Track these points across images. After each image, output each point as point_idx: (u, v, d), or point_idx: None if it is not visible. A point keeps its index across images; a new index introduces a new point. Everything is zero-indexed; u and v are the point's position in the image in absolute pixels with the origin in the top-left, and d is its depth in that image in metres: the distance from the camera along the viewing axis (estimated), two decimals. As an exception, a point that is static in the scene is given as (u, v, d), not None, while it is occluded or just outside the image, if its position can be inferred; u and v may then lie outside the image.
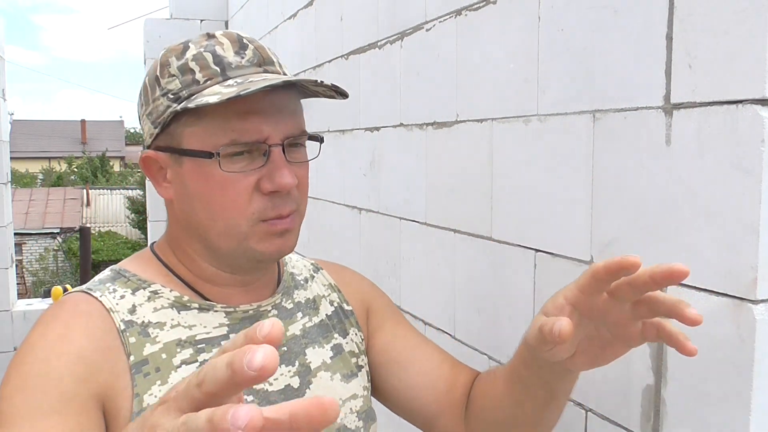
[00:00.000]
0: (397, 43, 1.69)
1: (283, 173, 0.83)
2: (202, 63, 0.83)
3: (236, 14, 4.03)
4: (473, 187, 1.35)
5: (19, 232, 16.37)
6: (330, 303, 1.04)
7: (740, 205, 0.76)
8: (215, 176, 0.83)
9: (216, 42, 0.85)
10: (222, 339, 0.88)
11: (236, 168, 0.82)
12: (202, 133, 0.83)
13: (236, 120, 0.81)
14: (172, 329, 0.86)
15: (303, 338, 0.96)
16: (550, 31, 1.10)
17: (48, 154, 32.96)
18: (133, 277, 0.90)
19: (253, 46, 0.86)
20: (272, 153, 0.83)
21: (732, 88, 0.77)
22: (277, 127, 0.84)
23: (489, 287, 1.32)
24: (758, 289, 0.75)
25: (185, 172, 0.86)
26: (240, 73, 0.84)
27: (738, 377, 0.77)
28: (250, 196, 0.83)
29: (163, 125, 0.85)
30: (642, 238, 0.91)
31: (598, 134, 1.00)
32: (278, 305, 0.96)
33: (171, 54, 0.86)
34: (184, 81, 0.83)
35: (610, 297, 0.70)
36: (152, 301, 0.87)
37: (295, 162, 0.87)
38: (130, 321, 0.84)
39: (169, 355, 0.84)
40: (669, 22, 0.86)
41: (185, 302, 0.89)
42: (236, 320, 0.91)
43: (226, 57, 0.84)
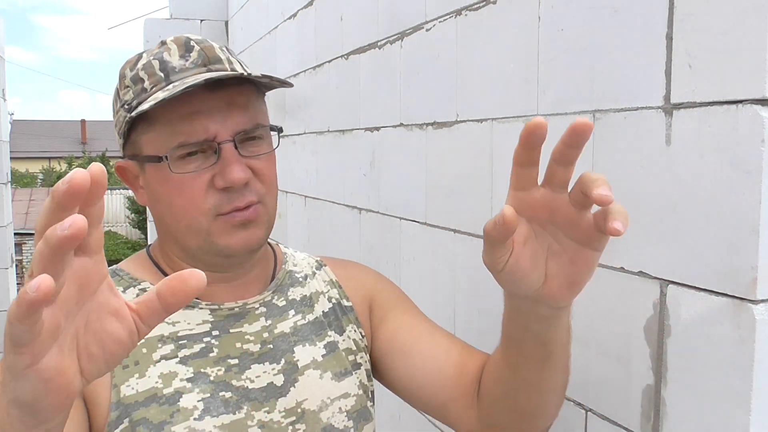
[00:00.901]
0: (397, 43, 1.69)
1: (233, 169, 0.84)
2: (149, 71, 0.86)
3: (236, 14, 4.03)
4: (473, 187, 1.35)
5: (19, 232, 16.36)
6: (328, 300, 1.03)
7: (740, 205, 0.76)
8: (172, 178, 0.85)
9: (165, 49, 0.88)
10: (204, 335, 0.90)
11: (189, 168, 0.85)
12: (155, 138, 0.86)
13: (182, 122, 0.84)
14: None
15: (292, 336, 0.96)
16: (550, 31, 1.10)
17: (48, 154, 32.97)
18: (126, 276, 0.93)
19: (199, 47, 0.88)
20: (222, 150, 0.85)
21: (732, 88, 0.77)
22: (225, 123, 0.85)
23: (489, 287, 1.32)
24: (758, 289, 0.75)
25: (149, 177, 0.89)
26: (182, 76, 0.85)
27: (738, 377, 0.77)
28: (205, 193, 0.85)
29: (124, 135, 0.89)
30: (642, 238, 0.91)
31: (598, 134, 1.00)
32: (268, 303, 0.97)
33: (127, 66, 0.90)
34: (135, 91, 0.87)
35: (545, 187, 0.66)
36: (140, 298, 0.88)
37: (252, 156, 0.88)
38: None
39: (149, 350, 0.86)
40: (669, 22, 0.86)
41: None
42: (220, 317, 0.92)
43: (171, 62, 0.86)
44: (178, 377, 0.86)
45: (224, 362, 0.89)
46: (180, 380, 0.86)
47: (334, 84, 2.18)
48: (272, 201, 0.92)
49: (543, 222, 0.68)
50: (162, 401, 0.84)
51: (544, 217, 0.68)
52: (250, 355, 0.91)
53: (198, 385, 0.86)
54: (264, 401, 0.90)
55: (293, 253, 1.09)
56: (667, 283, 0.87)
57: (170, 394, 0.85)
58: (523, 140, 0.64)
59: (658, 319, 0.89)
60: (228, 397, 0.87)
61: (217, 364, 0.89)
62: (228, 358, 0.90)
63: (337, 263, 1.10)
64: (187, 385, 0.86)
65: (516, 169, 0.67)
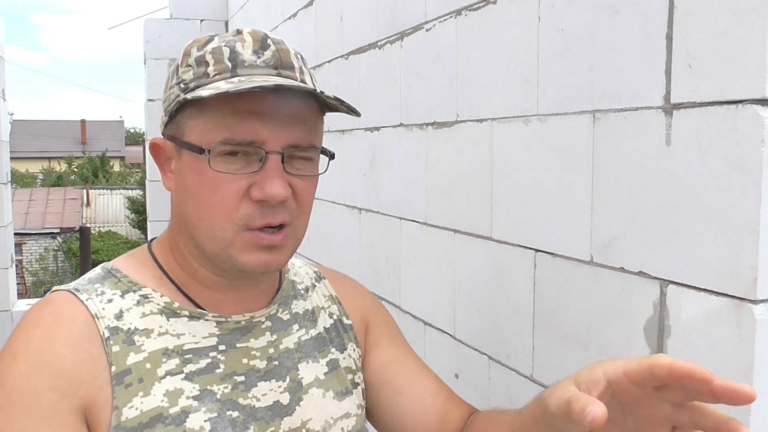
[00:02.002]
0: (397, 43, 1.69)
1: (275, 182, 0.78)
2: (217, 57, 0.81)
3: (236, 14, 4.03)
4: (473, 187, 1.35)
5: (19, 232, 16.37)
6: (329, 315, 1.00)
7: (740, 205, 0.76)
8: (207, 174, 0.79)
9: (239, 39, 0.82)
10: (211, 350, 0.85)
11: (228, 169, 0.79)
12: (201, 127, 0.80)
13: (233, 118, 0.78)
14: (160, 337, 0.83)
15: (297, 352, 0.93)
16: (550, 31, 1.10)
17: (48, 154, 32.98)
18: (124, 278, 0.86)
19: (275, 47, 0.83)
20: (268, 159, 0.79)
21: (732, 88, 0.77)
22: (279, 133, 0.79)
23: (489, 287, 1.32)
24: (758, 289, 0.75)
25: (184, 165, 0.83)
26: (250, 72, 0.80)
27: (738, 377, 0.77)
28: (239, 200, 0.79)
29: (171, 114, 0.84)
30: (642, 238, 0.91)
31: (598, 134, 1.00)
32: (273, 316, 0.93)
33: (194, 45, 0.84)
34: (196, 73, 0.81)
35: (654, 391, 0.62)
36: (141, 305, 0.84)
37: (296, 174, 0.82)
38: (115, 327, 0.81)
39: (153, 365, 0.81)
40: (669, 22, 0.86)
41: (175, 309, 0.85)
42: (227, 330, 0.87)
43: (242, 54, 0.81)
44: (184, 395, 0.81)
45: (231, 379, 0.85)
46: (186, 398, 0.81)
47: (334, 84, 2.18)
48: (303, 225, 0.86)
49: (625, 402, 0.65)
50: (168, 422, 0.79)
51: (630, 403, 0.64)
52: (257, 372, 0.87)
53: (205, 403, 0.82)
54: (270, 421, 0.86)
55: (293, 261, 1.05)
56: (667, 283, 0.87)
57: (176, 413, 0.80)
58: (678, 375, 0.57)
59: (658, 319, 0.89)
60: (235, 417, 0.83)
61: (224, 381, 0.84)
62: (234, 374, 0.86)
63: (336, 278, 1.07)
64: (193, 404, 0.81)
65: (645, 373, 0.60)
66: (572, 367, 1.06)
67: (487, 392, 1.33)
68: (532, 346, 1.18)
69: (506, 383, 1.26)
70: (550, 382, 1.13)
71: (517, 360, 1.23)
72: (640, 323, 0.92)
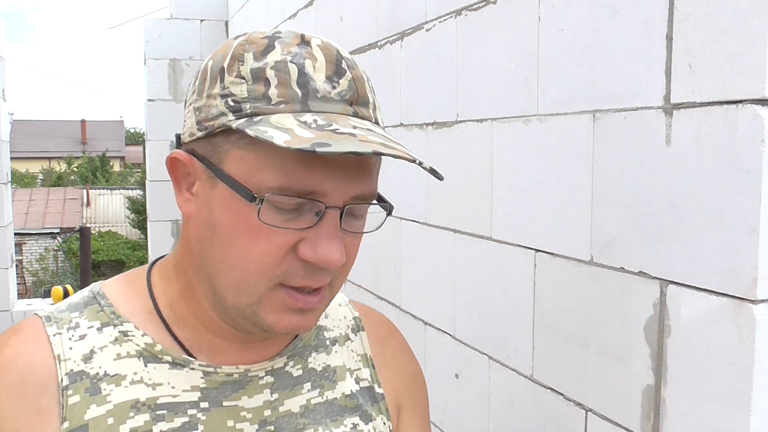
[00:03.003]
0: (397, 43, 1.69)
1: (332, 247, 0.65)
2: (282, 77, 0.65)
3: (236, 14, 4.03)
4: (473, 187, 1.35)
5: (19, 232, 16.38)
6: (356, 381, 0.83)
7: (740, 205, 0.76)
8: (250, 221, 0.65)
9: (308, 54, 0.66)
10: (190, 406, 0.71)
11: (277, 221, 0.65)
12: (251, 161, 0.65)
13: (293, 161, 0.63)
14: (132, 386, 0.70)
15: (302, 417, 0.77)
16: (550, 31, 1.10)
17: (48, 154, 32.98)
18: (108, 307, 0.74)
19: (351, 75, 0.68)
20: (326, 216, 0.65)
21: (732, 88, 0.77)
22: (344, 185, 0.65)
23: (489, 287, 1.32)
24: (758, 289, 0.75)
25: (216, 196, 0.67)
26: (324, 108, 0.65)
27: (738, 377, 0.77)
28: (282, 256, 0.66)
29: (209, 132, 0.67)
30: (642, 238, 0.91)
31: (598, 134, 1.00)
32: (278, 371, 0.78)
33: (250, 48, 0.67)
34: (252, 91, 0.65)
35: None
36: (118, 344, 0.72)
37: (350, 231, 0.69)
38: (80, 372, 0.69)
39: (117, 421, 0.68)
40: (669, 22, 0.86)
41: (156, 352, 0.72)
42: (215, 384, 0.73)
43: (315, 81, 0.65)
44: None
45: None
46: None
47: (334, 84, 2.18)
48: (340, 285, 0.73)
49: None
50: None
51: None
52: None
53: None
54: None
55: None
56: (667, 283, 0.87)
57: None
58: None
59: (658, 319, 0.89)
60: None
61: None
62: None
63: (376, 335, 0.89)
64: None
65: None
66: (572, 367, 1.07)
67: (487, 392, 1.33)
68: (532, 346, 1.18)
69: (506, 383, 1.26)
70: (550, 382, 1.13)
71: (517, 360, 1.23)
72: (640, 323, 0.92)
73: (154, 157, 4.26)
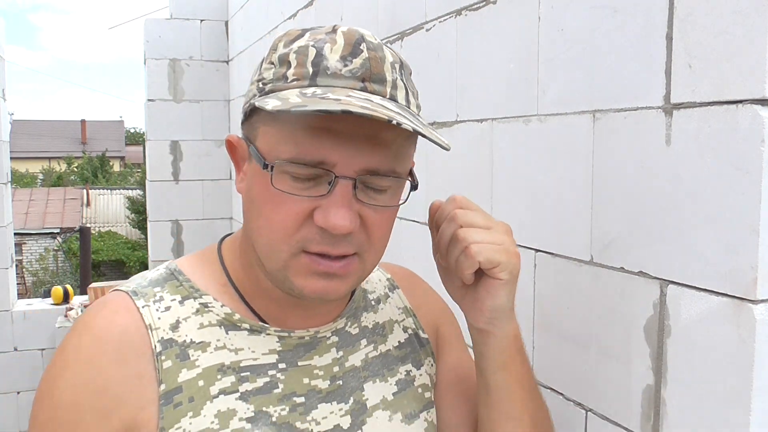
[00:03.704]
0: (397, 43, 1.69)
1: (339, 213, 0.70)
2: (300, 59, 0.72)
3: (236, 14, 4.03)
4: (473, 187, 1.35)
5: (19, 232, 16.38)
6: (404, 330, 0.93)
7: (740, 205, 0.76)
8: (270, 189, 0.72)
9: (331, 39, 0.72)
10: (270, 368, 0.79)
11: (292, 188, 0.71)
12: (270, 136, 0.72)
13: (304, 134, 0.70)
14: (216, 351, 0.78)
15: (363, 370, 0.86)
16: (550, 31, 1.10)
17: (48, 154, 32.98)
18: (186, 282, 0.81)
19: (368, 55, 0.72)
20: (337, 185, 0.70)
21: (732, 88, 0.77)
22: (353, 156, 0.70)
23: (489, 287, 1.32)
24: (758, 289, 0.75)
25: (251, 170, 0.76)
26: (331, 83, 0.70)
27: (738, 377, 0.77)
28: (300, 222, 0.72)
29: (246, 114, 0.77)
30: (642, 238, 0.91)
31: (598, 134, 1.00)
32: (340, 331, 0.86)
33: (284, 38, 0.76)
34: (276, 73, 0.73)
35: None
36: (200, 315, 0.79)
37: (370, 204, 0.73)
38: (170, 340, 0.77)
39: (206, 383, 0.76)
40: (669, 22, 0.86)
41: (235, 321, 0.80)
42: (289, 346, 0.81)
43: (328, 60, 0.71)
44: (236, 416, 0.76)
45: (289, 400, 0.79)
46: (239, 420, 0.76)
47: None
48: (373, 256, 0.77)
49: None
50: None
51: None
52: (318, 393, 0.81)
53: (258, 426, 0.76)
54: None
55: None
56: (667, 283, 0.87)
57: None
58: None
59: (658, 319, 0.89)
60: None
61: (282, 402, 0.78)
62: (294, 395, 0.80)
63: (407, 285, 0.99)
64: (246, 426, 0.75)
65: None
66: (572, 367, 1.07)
67: (487, 392, 1.33)
68: (532, 346, 1.18)
69: (506, 383, 1.26)
70: (550, 382, 1.13)
71: (517, 360, 1.23)
72: (640, 323, 0.92)
73: (154, 157, 4.26)
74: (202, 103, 4.28)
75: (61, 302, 4.36)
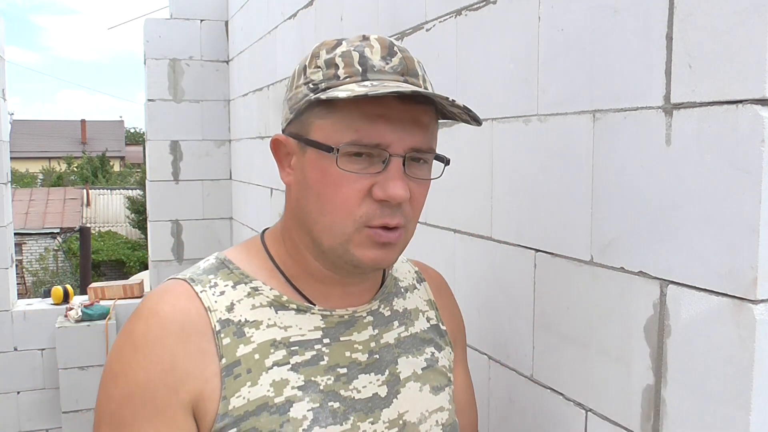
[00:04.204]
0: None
1: (397, 184, 0.82)
2: (347, 60, 0.84)
3: (236, 14, 4.03)
4: (473, 187, 1.35)
5: (19, 232, 16.38)
6: (427, 319, 1.03)
7: (740, 205, 0.76)
8: (332, 172, 0.83)
9: (367, 44, 0.86)
10: (316, 342, 0.89)
11: (353, 168, 0.82)
12: (329, 126, 0.83)
13: (362, 121, 0.81)
14: (268, 329, 0.87)
15: (396, 347, 0.96)
16: (550, 31, 1.10)
17: (48, 154, 32.96)
18: (236, 269, 0.91)
19: (402, 55, 0.86)
20: (391, 162, 0.82)
21: (732, 88, 0.77)
22: (403, 137, 0.83)
23: (489, 287, 1.32)
24: (758, 289, 0.75)
25: (307, 161, 0.86)
26: (380, 77, 0.83)
27: (738, 377, 0.77)
28: (361, 198, 0.83)
29: (298, 112, 0.87)
30: (642, 238, 0.91)
31: (598, 134, 1.00)
32: (375, 311, 0.96)
33: (323, 47, 0.88)
34: (326, 74, 0.85)
35: None
36: (252, 297, 0.89)
37: (414, 178, 0.85)
38: (227, 320, 0.86)
39: (261, 356, 0.85)
40: (669, 22, 0.86)
41: (284, 302, 0.90)
42: (332, 324, 0.91)
43: (372, 59, 0.84)
44: (289, 385, 0.85)
45: (334, 371, 0.89)
46: (291, 388, 0.85)
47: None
48: (413, 228, 0.90)
49: None
50: (273, 410, 0.84)
51: None
52: (358, 365, 0.91)
53: (308, 393, 0.86)
54: (369, 412, 0.90)
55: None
56: (667, 283, 0.87)
57: (281, 403, 0.84)
58: None
59: (658, 319, 0.89)
60: (336, 408, 0.87)
61: (327, 372, 0.88)
62: (338, 367, 0.89)
63: (435, 283, 1.10)
64: (297, 394, 0.85)
65: None
66: (572, 367, 1.07)
67: (487, 392, 1.33)
68: (532, 346, 1.18)
69: (506, 383, 1.27)
70: (550, 382, 1.13)
71: (517, 360, 1.23)
72: (640, 323, 0.92)
73: (154, 157, 4.25)
74: (202, 103, 4.28)
75: (61, 302, 4.35)
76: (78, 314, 4.08)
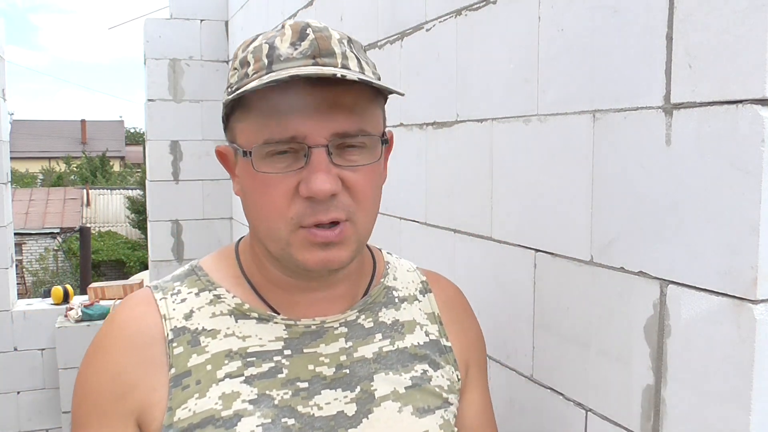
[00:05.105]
0: (397, 43, 1.69)
1: (319, 177, 0.75)
2: (257, 55, 0.79)
3: (236, 14, 4.03)
4: (473, 187, 1.35)
5: (19, 232, 16.38)
6: (425, 334, 0.94)
7: (740, 205, 0.76)
8: (257, 175, 0.78)
9: (280, 33, 0.80)
10: (275, 354, 0.83)
11: (273, 168, 0.77)
12: (247, 128, 0.79)
13: (272, 116, 0.76)
14: (225, 338, 0.83)
15: (374, 362, 0.88)
16: (550, 31, 1.10)
17: (48, 154, 32.95)
18: (204, 276, 0.88)
19: (314, 36, 0.79)
20: (312, 154, 0.76)
21: (732, 88, 0.77)
22: (322, 124, 0.76)
23: (489, 287, 1.32)
24: (758, 289, 0.75)
25: (240, 168, 0.83)
26: (285, 66, 0.76)
27: (738, 377, 0.77)
28: (290, 198, 0.77)
29: (224, 119, 0.84)
30: (642, 238, 0.91)
31: (598, 134, 1.00)
32: (351, 323, 0.89)
33: (242, 46, 0.83)
34: (240, 74, 0.80)
35: None
36: (212, 305, 0.85)
37: (348, 166, 0.78)
38: (182, 328, 0.83)
39: (214, 367, 0.82)
40: (669, 22, 0.86)
41: (245, 310, 0.85)
42: (296, 334, 0.85)
43: (279, 49, 0.78)
44: (240, 398, 0.80)
45: (292, 385, 0.83)
46: (242, 402, 0.80)
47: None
48: (364, 219, 0.82)
49: None
50: (219, 424, 0.79)
51: None
52: (322, 380, 0.84)
53: (260, 408, 0.80)
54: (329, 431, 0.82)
55: (397, 263, 1.00)
56: (667, 283, 0.87)
57: (228, 416, 0.79)
58: None
59: (658, 319, 0.89)
60: (290, 425, 0.81)
61: (285, 386, 0.82)
62: (297, 380, 0.83)
63: (443, 297, 1.00)
64: (248, 408, 0.80)
65: None
66: (572, 367, 1.07)
67: (487, 392, 1.33)
68: (532, 346, 1.18)
69: (506, 383, 1.27)
70: (550, 382, 1.13)
71: (517, 360, 1.23)
72: (640, 323, 0.92)
73: (154, 157, 4.25)
74: (202, 103, 4.28)
75: (61, 302, 4.36)
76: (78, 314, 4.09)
